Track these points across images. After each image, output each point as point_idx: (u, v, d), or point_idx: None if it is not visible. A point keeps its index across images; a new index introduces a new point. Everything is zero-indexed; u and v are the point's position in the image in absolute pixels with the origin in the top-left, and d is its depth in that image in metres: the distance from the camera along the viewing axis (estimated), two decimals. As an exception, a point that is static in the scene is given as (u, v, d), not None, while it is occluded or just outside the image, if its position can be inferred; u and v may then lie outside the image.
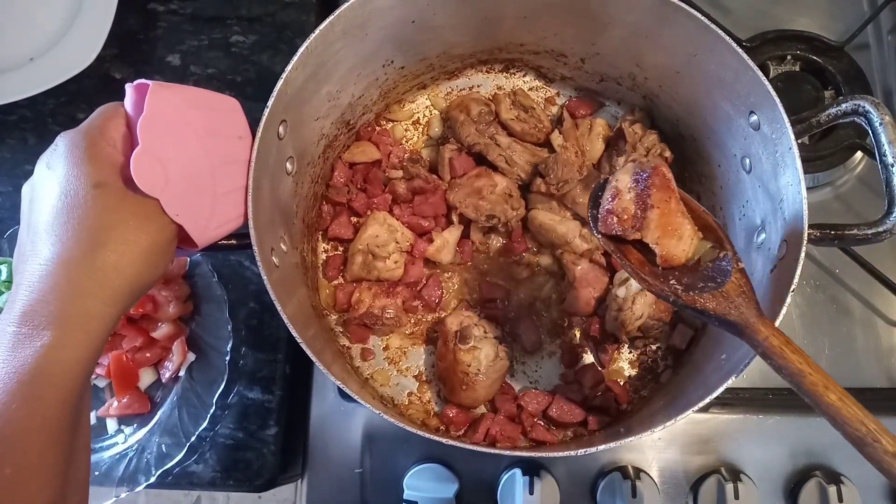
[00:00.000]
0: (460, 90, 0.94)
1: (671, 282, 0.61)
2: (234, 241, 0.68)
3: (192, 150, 0.61)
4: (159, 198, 0.57)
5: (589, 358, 0.86)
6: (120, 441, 0.88)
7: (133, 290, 0.56)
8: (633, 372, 0.85)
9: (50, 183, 0.55)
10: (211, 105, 0.65)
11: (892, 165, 0.64)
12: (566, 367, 0.86)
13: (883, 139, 0.64)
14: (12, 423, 0.49)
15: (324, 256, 0.89)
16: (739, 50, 0.67)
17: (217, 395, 0.84)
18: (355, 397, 0.65)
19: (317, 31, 0.70)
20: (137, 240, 0.56)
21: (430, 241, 0.87)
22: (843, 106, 0.67)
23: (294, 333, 0.64)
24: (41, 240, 0.54)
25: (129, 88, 0.60)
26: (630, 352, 0.86)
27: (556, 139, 0.87)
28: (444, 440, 0.65)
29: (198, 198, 0.62)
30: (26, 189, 0.58)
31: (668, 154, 0.83)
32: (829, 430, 0.84)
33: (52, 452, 0.51)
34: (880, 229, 0.66)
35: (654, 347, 0.86)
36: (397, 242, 0.84)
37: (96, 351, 0.54)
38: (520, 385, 0.85)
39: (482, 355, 0.79)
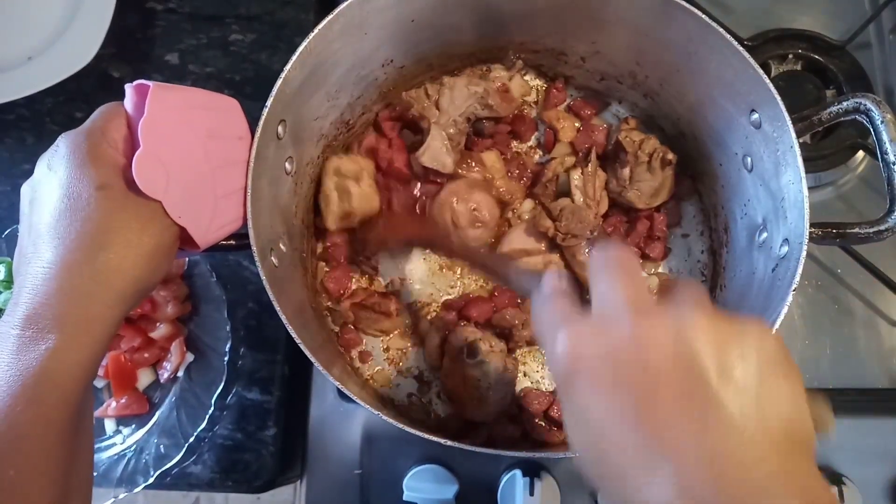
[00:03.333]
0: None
1: None
2: (233, 242, 0.68)
3: (194, 152, 0.61)
4: (162, 200, 0.57)
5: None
6: (118, 442, 0.87)
7: (136, 292, 0.56)
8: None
9: (51, 184, 0.55)
10: (211, 106, 0.65)
11: (894, 163, 0.64)
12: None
13: (884, 137, 0.63)
14: (16, 426, 0.49)
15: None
16: (740, 48, 0.67)
17: (216, 396, 0.84)
18: (355, 398, 0.65)
19: (315, 31, 0.69)
20: (140, 242, 0.55)
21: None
22: (845, 104, 0.66)
23: (293, 334, 0.64)
24: (43, 242, 0.53)
25: (128, 89, 0.60)
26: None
27: (576, 179, 0.83)
28: (444, 441, 0.65)
29: (200, 199, 0.61)
30: (26, 189, 0.58)
31: (670, 156, 0.82)
32: (830, 430, 0.85)
33: (56, 455, 0.51)
34: (882, 228, 0.66)
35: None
36: (364, 170, 0.83)
37: (100, 353, 0.54)
38: (521, 386, 0.85)
39: (491, 369, 0.78)
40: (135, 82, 0.59)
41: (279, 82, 0.68)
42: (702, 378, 0.38)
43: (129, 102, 0.60)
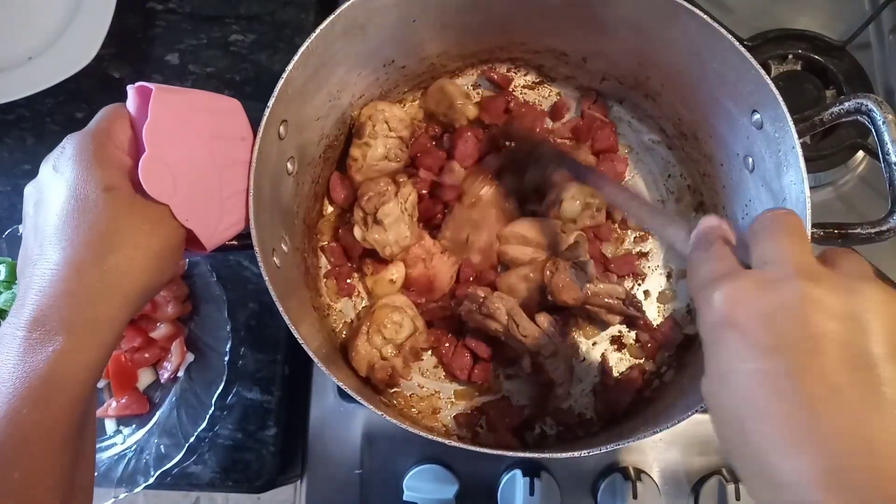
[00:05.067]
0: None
1: None
2: (235, 242, 0.68)
3: (198, 154, 0.61)
4: (169, 203, 0.57)
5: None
6: (118, 442, 0.87)
7: (143, 294, 0.56)
8: (636, 372, 0.85)
9: (58, 186, 0.55)
10: (213, 107, 0.65)
11: (895, 164, 0.64)
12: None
13: (886, 138, 0.64)
14: (22, 428, 0.48)
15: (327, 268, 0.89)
16: (742, 49, 0.67)
17: (216, 396, 0.84)
18: (356, 397, 0.65)
19: (317, 31, 0.69)
20: (149, 244, 0.55)
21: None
22: (846, 105, 0.67)
23: (295, 333, 0.64)
24: (50, 243, 0.53)
25: (130, 90, 0.60)
26: (636, 342, 0.86)
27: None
28: (444, 441, 0.65)
29: (206, 201, 0.61)
30: (30, 191, 0.58)
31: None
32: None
33: (60, 457, 0.50)
34: (883, 228, 0.66)
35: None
36: None
37: (106, 356, 0.54)
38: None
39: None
40: (136, 84, 0.59)
41: (281, 82, 0.68)
42: (869, 356, 0.36)
43: (131, 104, 0.60)
